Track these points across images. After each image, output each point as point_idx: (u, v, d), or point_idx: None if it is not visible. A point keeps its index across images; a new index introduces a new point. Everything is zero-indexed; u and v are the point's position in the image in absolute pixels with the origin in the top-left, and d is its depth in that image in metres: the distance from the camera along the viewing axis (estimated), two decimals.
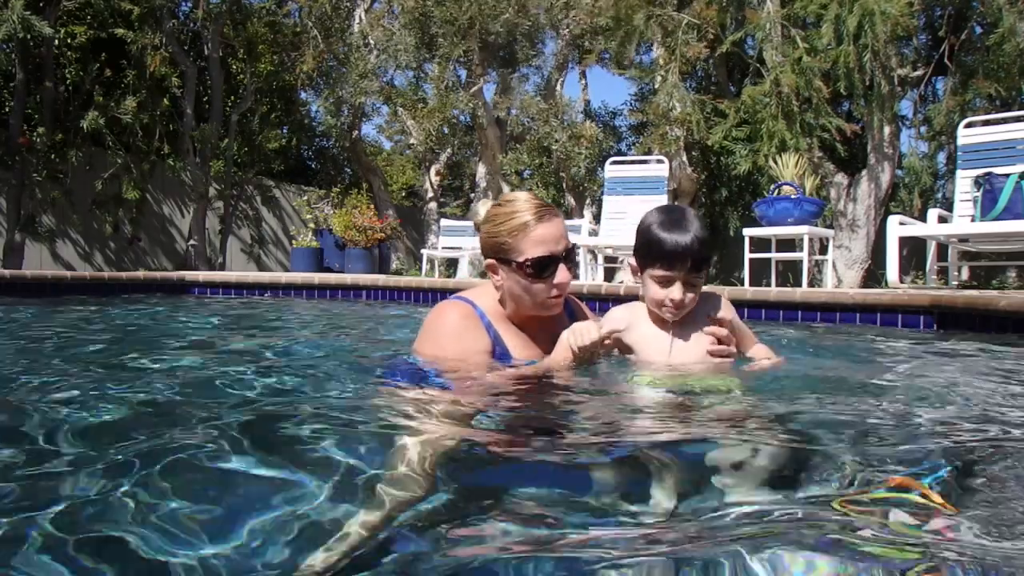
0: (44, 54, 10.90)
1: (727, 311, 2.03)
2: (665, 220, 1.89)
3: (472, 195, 14.90)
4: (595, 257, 8.88)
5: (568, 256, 2.00)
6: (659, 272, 1.88)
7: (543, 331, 2.08)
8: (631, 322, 2.01)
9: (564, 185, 15.30)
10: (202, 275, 8.50)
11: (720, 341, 1.97)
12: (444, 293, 6.88)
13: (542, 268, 1.95)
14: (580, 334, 1.91)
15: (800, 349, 3.43)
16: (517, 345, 2.04)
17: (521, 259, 1.95)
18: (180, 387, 2.10)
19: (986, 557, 0.89)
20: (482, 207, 2.09)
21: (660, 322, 1.99)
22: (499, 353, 2.01)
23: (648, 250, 1.90)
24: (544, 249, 1.95)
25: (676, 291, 1.88)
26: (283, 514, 1.05)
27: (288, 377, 2.27)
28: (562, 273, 1.98)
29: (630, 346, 2.01)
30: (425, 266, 11.01)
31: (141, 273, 8.54)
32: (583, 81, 16.34)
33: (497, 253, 2.00)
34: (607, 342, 1.99)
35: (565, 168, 12.97)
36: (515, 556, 0.91)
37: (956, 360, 3.15)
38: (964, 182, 6.11)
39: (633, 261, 1.99)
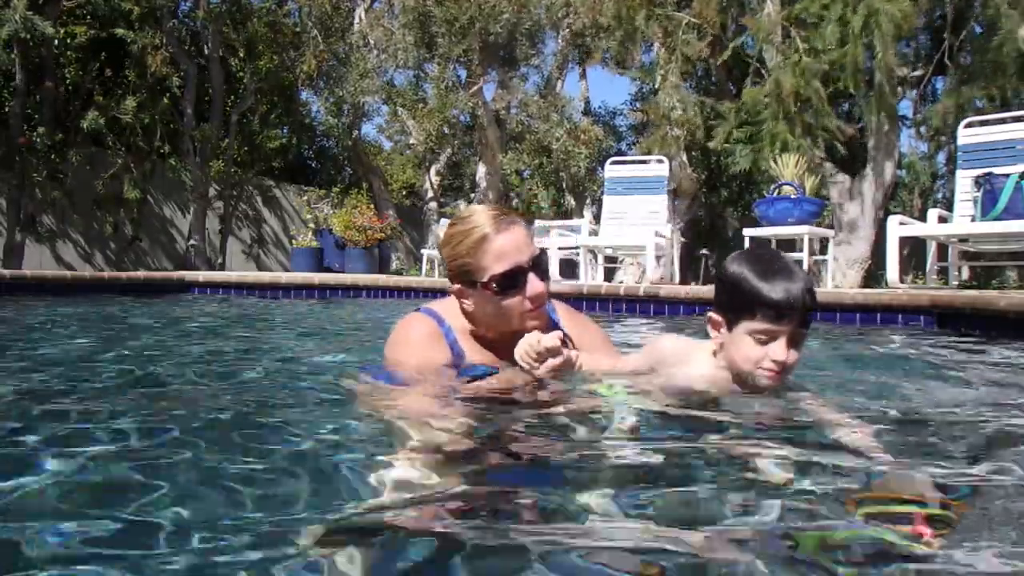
0: (44, 54, 10.90)
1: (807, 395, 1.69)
2: (763, 266, 1.56)
3: (472, 195, 14.89)
4: (595, 257, 8.88)
5: (537, 264, 1.83)
6: (761, 326, 1.54)
7: (513, 347, 1.88)
8: (683, 362, 1.73)
9: (564, 185, 15.32)
10: (202, 275, 8.50)
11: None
12: (444, 293, 6.88)
13: (509, 283, 1.79)
14: (520, 345, 1.75)
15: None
16: (483, 363, 1.91)
17: (485, 278, 1.79)
18: (160, 387, 2.11)
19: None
20: (442, 230, 1.97)
21: (719, 376, 1.66)
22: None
23: (746, 300, 1.55)
24: (508, 262, 1.78)
25: (780, 348, 1.54)
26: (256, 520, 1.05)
27: (267, 382, 2.26)
28: (534, 284, 1.81)
29: (665, 383, 1.73)
30: (425, 266, 11.01)
31: (141, 273, 8.55)
32: (583, 81, 16.37)
33: (460, 276, 1.85)
34: (560, 357, 1.76)
35: (565, 168, 12.97)
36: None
37: (955, 360, 3.15)
38: (964, 182, 6.11)
39: (715, 315, 1.65)
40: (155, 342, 3.46)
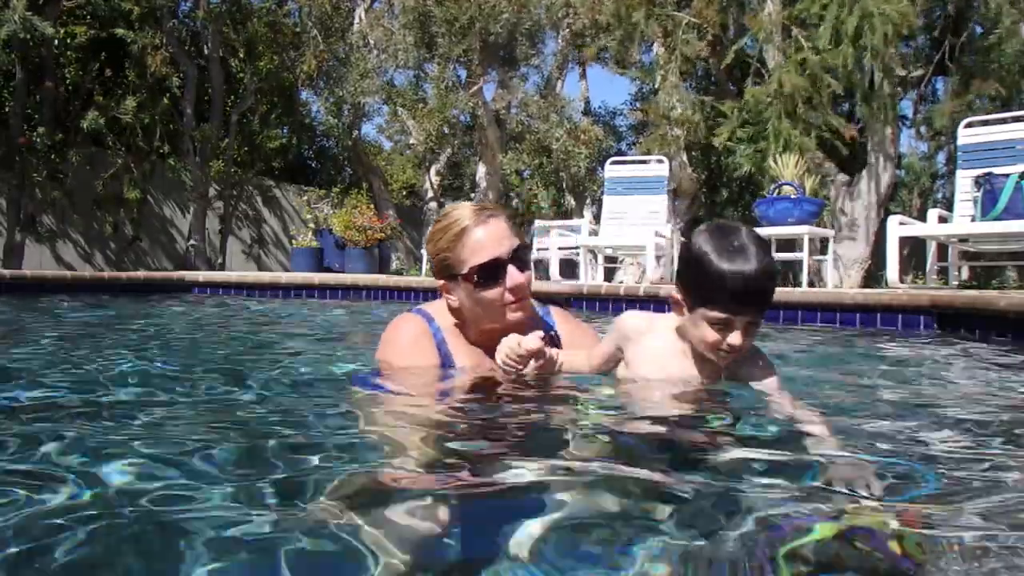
0: (44, 54, 10.90)
1: (773, 379, 1.70)
2: (725, 248, 1.54)
3: (472, 195, 14.88)
4: (595, 257, 8.88)
5: (517, 256, 1.84)
6: (719, 315, 1.56)
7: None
8: (644, 333, 1.76)
9: (564, 185, 15.32)
10: (202, 275, 8.50)
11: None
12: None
13: (488, 274, 1.80)
14: (501, 348, 1.77)
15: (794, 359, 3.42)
16: (470, 362, 1.91)
17: (465, 270, 1.81)
18: (156, 388, 2.10)
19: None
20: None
21: (680, 345, 1.72)
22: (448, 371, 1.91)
23: (705, 286, 1.56)
24: (486, 253, 1.80)
25: (736, 337, 1.57)
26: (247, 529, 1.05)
27: (269, 384, 2.26)
28: (514, 275, 1.82)
29: (631, 359, 1.77)
30: (425, 266, 11.01)
31: (141, 273, 8.55)
32: (583, 81, 16.36)
33: (443, 271, 1.88)
34: (543, 359, 1.78)
35: (565, 168, 12.97)
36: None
37: (955, 360, 3.15)
38: (964, 182, 6.11)
39: (676, 293, 1.66)
40: (153, 341, 3.46)
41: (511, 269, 1.83)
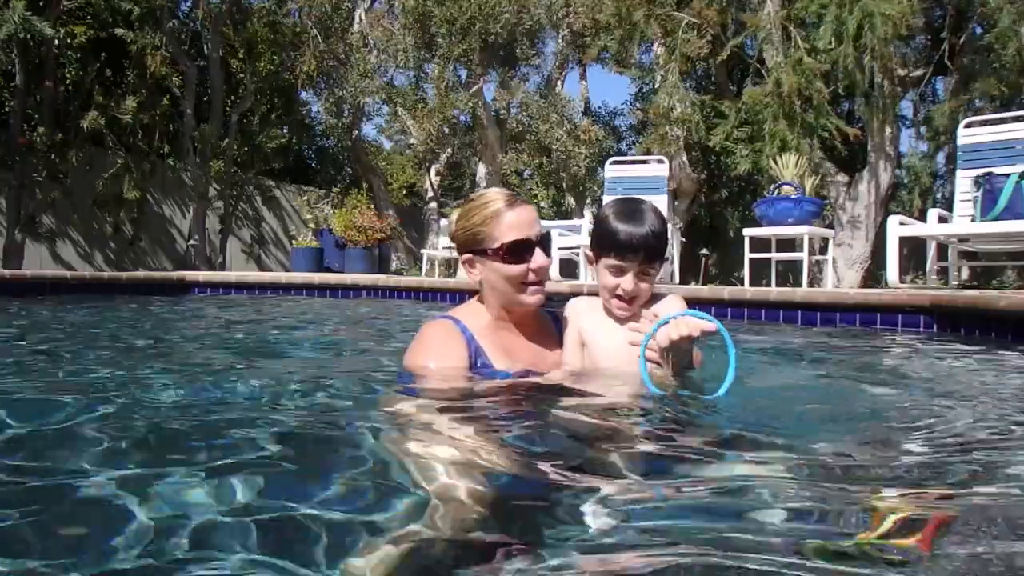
0: (44, 54, 10.90)
1: (671, 306, 1.99)
2: (622, 211, 1.93)
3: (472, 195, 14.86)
4: None
5: (543, 242, 2.03)
6: (613, 261, 1.91)
7: (528, 342, 2.09)
8: (588, 313, 2.06)
9: (564, 185, 15.30)
10: (202, 275, 8.50)
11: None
12: (444, 293, 6.89)
13: (518, 251, 1.98)
14: (677, 326, 1.81)
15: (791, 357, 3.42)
16: (500, 357, 2.03)
17: (496, 245, 1.98)
18: (180, 392, 2.11)
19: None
20: (454, 215, 2.12)
21: (613, 316, 2.02)
22: (480, 365, 2.01)
23: (603, 239, 1.93)
24: (518, 233, 1.98)
25: (628, 281, 1.91)
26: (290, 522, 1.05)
27: (289, 385, 2.26)
28: (539, 256, 2.01)
29: (582, 331, 2.05)
30: (425, 266, 11.01)
31: (141, 273, 8.56)
32: (583, 81, 16.35)
33: (473, 245, 2.04)
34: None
35: (565, 168, 12.97)
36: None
37: (955, 360, 3.15)
38: (964, 182, 6.11)
39: (589, 251, 2.03)
40: (151, 342, 3.46)
41: (537, 251, 2.01)
